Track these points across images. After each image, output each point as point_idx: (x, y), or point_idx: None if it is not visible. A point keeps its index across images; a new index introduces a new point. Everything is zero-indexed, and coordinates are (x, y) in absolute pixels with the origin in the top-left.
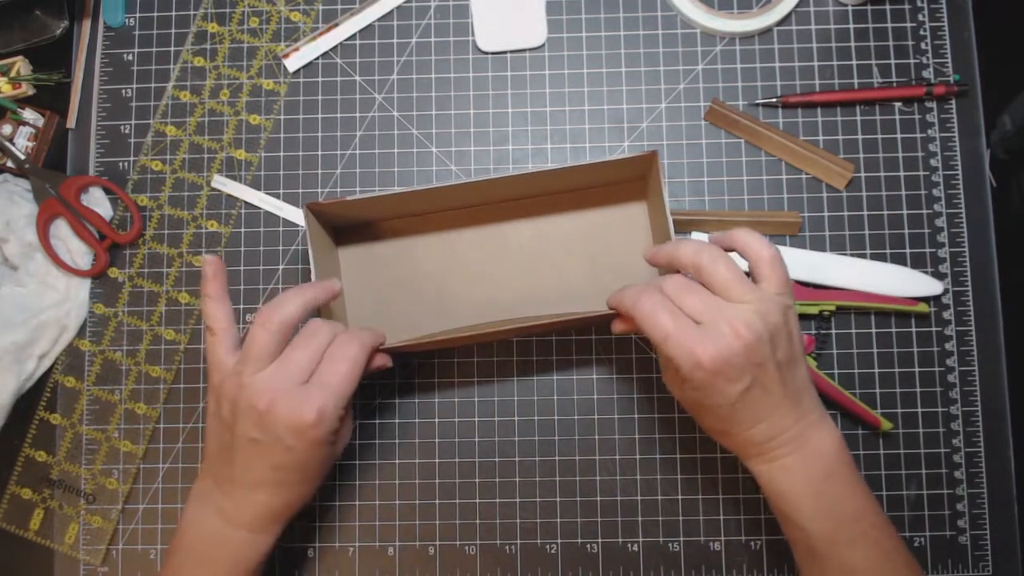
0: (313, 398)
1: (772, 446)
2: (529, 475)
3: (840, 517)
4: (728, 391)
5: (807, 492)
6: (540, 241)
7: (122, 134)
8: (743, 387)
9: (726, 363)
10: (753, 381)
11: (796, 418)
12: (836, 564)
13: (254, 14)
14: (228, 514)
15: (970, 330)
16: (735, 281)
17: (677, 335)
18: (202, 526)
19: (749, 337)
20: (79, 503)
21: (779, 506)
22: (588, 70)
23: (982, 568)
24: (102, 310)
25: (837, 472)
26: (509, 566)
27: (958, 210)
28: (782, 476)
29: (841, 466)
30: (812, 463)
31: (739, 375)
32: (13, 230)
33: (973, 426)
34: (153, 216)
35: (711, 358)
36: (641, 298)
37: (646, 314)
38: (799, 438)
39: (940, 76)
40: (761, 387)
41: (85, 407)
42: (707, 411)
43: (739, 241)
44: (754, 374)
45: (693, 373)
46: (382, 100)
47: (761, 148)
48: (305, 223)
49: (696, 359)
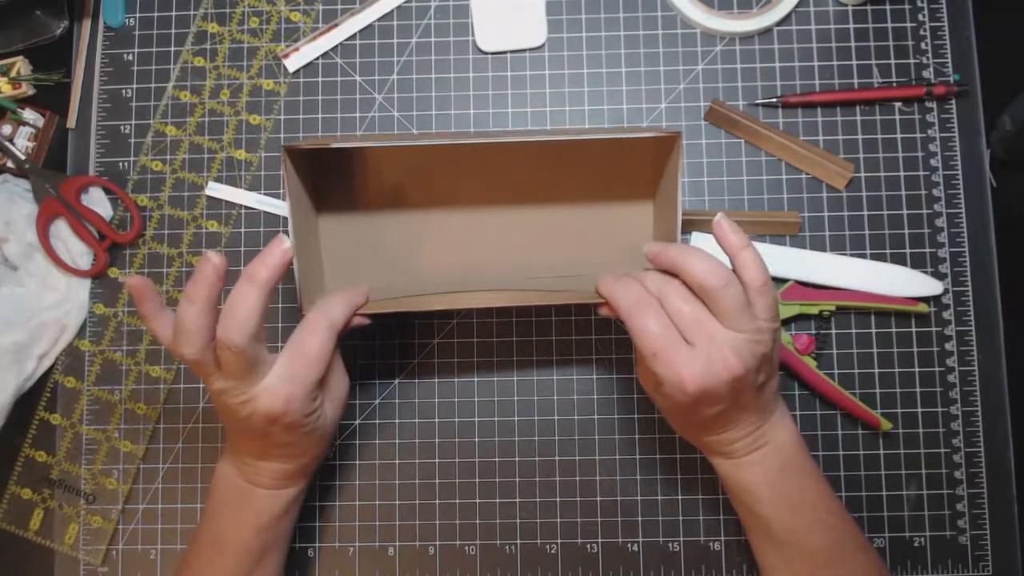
0: (280, 392)
1: (735, 448)
2: (529, 475)
3: (798, 505)
4: (705, 412)
5: (765, 483)
6: (536, 228)
7: (122, 134)
8: (720, 410)
9: (709, 391)
10: (731, 404)
11: (760, 423)
12: (796, 550)
13: (254, 14)
14: (248, 475)
15: (970, 330)
16: (740, 311)
17: (666, 355)
18: (228, 482)
19: (738, 370)
20: (79, 503)
21: (740, 497)
22: (588, 70)
23: (982, 568)
24: (102, 310)
25: (793, 463)
26: (509, 566)
27: (958, 210)
28: (743, 471)
29: (797, 457)
30: (771, 457)
31: (719, 401)
32: (13, 230)
33: (973, 426)
34: (153, 216)
35: (696, 386)
36: (636, 306)
37: (638, 325)
38: (761, 438)
39: (940, 76)
40: (737, 407)
41: (85, 407)
42: (680, 420)
43: (740, 261)
44: (733, 399)
45: (674, 392)
46: (382, 100)
47: (761, 148)
48: (283, 170)
49: (682, 383)
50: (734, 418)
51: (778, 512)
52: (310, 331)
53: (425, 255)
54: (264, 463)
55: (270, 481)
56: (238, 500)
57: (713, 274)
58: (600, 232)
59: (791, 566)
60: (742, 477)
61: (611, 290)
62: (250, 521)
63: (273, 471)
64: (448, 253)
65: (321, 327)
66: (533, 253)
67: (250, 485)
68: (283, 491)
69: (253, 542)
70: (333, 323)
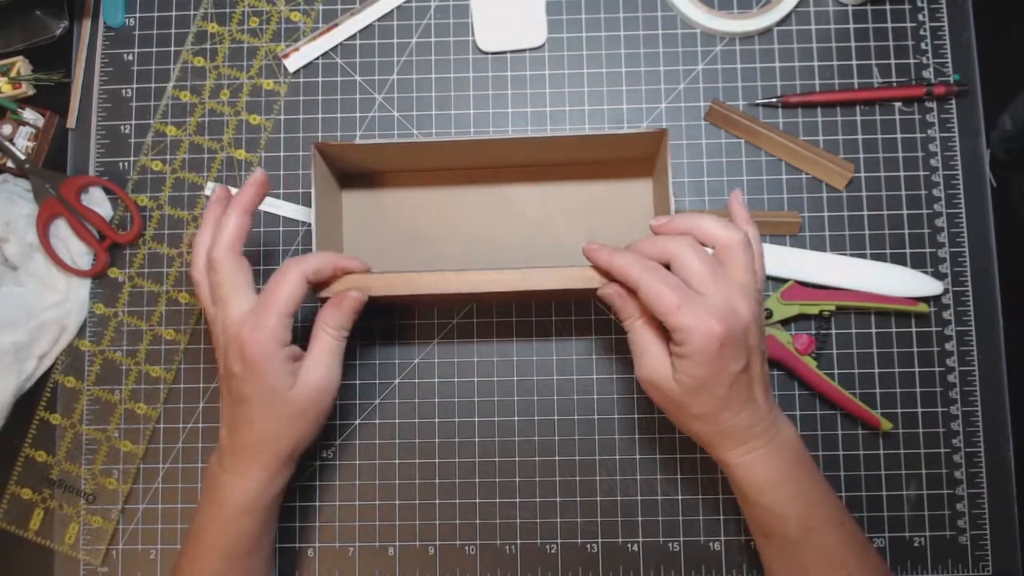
0: (246, 319)
1: (752, 434)
2: (529, 475)
3: (812, 501)
4: (730, 368)
5: (783, 478)
6: (544, 209)
7: (122, 134)
8: (741, 367)
9: (734, 337)
10: (748, 363)
11: (769, 407)
12: (813, 551)
13: (254, 14)
14: (219, 456)
15: (970, 330)
16: (748, 267)
17: (689, 304)
18: (208, 472)
19: (748, 316)
20: (79, 503)
21: (755, 498)
22: (588, 70)
23: (982, 568)
24: (102, 310)
25: (802, 458)
26: (509, 566)
27: (958, 210)
28: (760, 465)
29: (804, 453)
30: (784, 450)
31: (740, 353)
32: (13, 230)
33: (973, 426)
34: (153, 216)
35: (724, 326)
36: (645, 272)
37: (654, 289)
38: (772, 427)
39: (940, 76)
40: (750, 371)
41: (85, 407)
42: (705, 393)
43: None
44: (749, 356)
45: (707, 344)
46: (382, 100)
47: (761, 148)
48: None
49: (711, 326)
50: (750, 387)
51: (797, 508)
52: (280, 273)
53: (441, 230)
54: (226, 439)
55: (232, 464)
56: (210, 489)
57: (730, 231)
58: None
59: (806, 569)
60: (759, 473)
61: (614, 261)
62: (218, 513)
63: (233, 449)
64: (464, 227)
65: (291, 274)
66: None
67: (221, 470)
68: (243, 481)
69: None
70: (304, 271)
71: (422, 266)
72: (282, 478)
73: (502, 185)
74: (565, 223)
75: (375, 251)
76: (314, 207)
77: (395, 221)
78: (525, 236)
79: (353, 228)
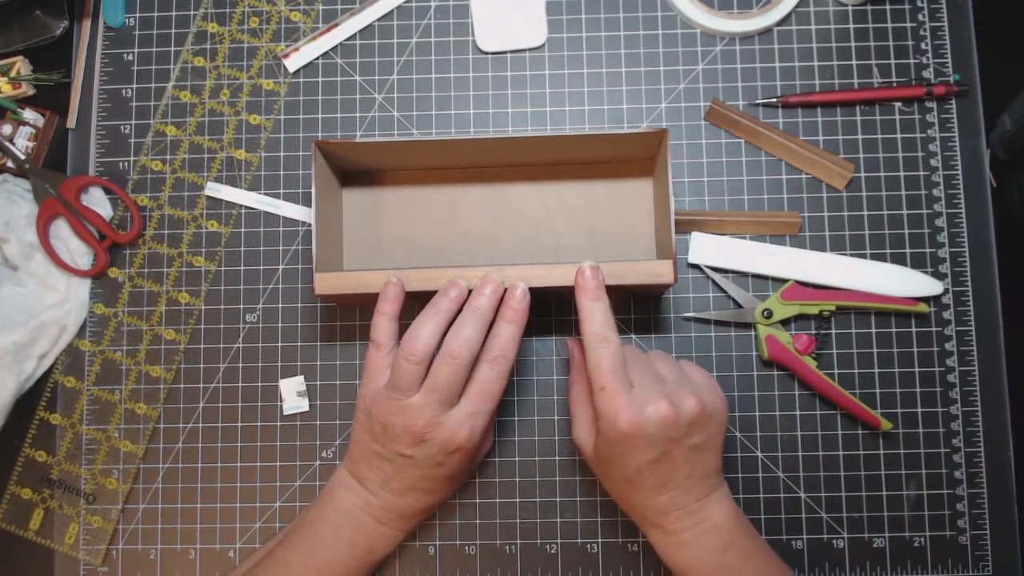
0: (465, 424)
1: (670, 519)
2: (529, 475)
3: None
4: (638, 456)
5: (705, 567)
6: (543, 208)
7: (122, 134)
8: (650, 458)
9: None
10: (662, 456)
11: (697, 496)
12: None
13: (254, 14)
14: (373, 510)
15: (970, 330)
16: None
17: (611, 389)
18: (348, 514)
19: (670, 414)
20: (79, 503)
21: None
22: (588, 70)
23: (982, 568)
24: (102, 310)
25: (733, 544)
26: (509, 566)
27: (958, 210)
28: (681, 551)
29: (738, 537)
30: (710, 538)
31: (652, 446)
32: (13, 230)
33: (973, 426)
34: (153, 216)
35: (631, 421)
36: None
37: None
38: (698, 514)
39: (940, 76)
40: (670, 462)
41: (85, 407)
42: (613, 470)
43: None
44: (666, 449)
45: (609, 430)
46: (382, 100)
47: (761, 148)
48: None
49: (616, 417)
50: (667, 477)
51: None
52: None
53: (441, 229)
54: (401, 500)
55: (395, 519)
56: (356, 533)
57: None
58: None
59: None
60: (679, 558)
61: (584, 306)
62: (364, 557)
63: (404, 509)
64: (464, 226)
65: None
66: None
67: (371, 521)
68: (397, 532)
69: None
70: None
71: (422, 265)
72: None
73: (502, 185)
74: (565, 223)
75: (375, 250)
76: (314, 205)
77: (395, 220)
78: (525, 235)
79: (353, 227)
